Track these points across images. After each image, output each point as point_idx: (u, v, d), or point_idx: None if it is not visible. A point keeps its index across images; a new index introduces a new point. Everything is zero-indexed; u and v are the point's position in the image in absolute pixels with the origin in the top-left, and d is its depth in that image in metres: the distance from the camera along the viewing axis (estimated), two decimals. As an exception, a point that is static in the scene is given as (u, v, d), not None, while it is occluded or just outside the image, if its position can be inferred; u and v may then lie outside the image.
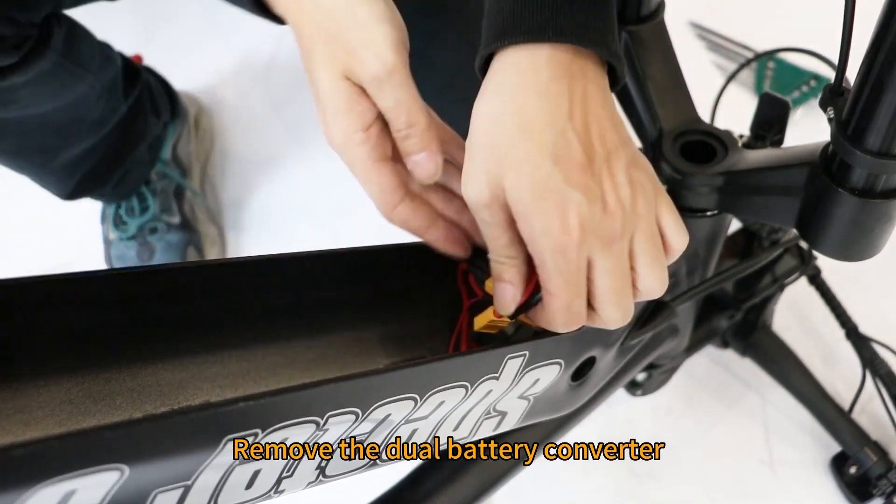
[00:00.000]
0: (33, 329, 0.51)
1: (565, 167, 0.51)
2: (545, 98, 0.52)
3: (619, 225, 0.52)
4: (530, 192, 0.51)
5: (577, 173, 0.51)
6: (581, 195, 0.51)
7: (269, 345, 0.60)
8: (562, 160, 0.51)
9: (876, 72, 0.57)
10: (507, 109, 0.52)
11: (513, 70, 0.53)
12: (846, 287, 1.16)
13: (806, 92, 1.52)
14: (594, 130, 0.53)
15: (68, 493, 0.40)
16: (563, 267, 0.52)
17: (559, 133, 0.51)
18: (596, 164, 0.52)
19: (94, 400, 0.52)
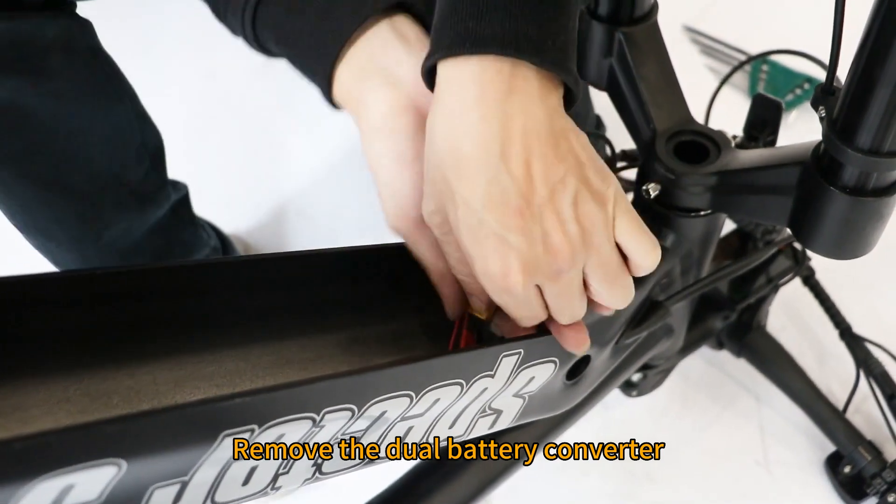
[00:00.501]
0: (31, 327, 0.51)
1: (499, 212, 0.50)
2: (476, 137, 0.50)
3: (566, 261, 0.52)
4: (468, 235, 0.52)
5: (513, 217, 0.50)
6: (519, 238, 0.50)
7: (266, 344, 0.60)
8: (495, 206, 0.50)
9: (866, 71, 0.58)
10: (445, 138, 0.51)
11: (447, 90, 0.51)
12: (840, 287, 1.16)
13: (799, 94, 1.52)
14: (536, 168, 0.50)
15: (67, 488, 0.41)
16: (510, 300, 0.54)
17: (492, 178, 0.50)
18: (535, 205, 0.50)
19: (92, 398, 0.52)
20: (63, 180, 0.89)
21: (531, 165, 0.50)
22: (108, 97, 0.89)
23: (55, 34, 0.79)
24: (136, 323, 0.55)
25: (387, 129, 0.57)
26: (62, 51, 0.81)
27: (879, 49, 0.56)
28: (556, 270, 0.52)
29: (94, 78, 0.86)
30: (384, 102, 0.57)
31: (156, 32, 1.63)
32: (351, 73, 0.58)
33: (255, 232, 1.41)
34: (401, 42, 0.58)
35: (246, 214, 1.43)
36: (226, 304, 0.59)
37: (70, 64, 0.82)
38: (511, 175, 0.50)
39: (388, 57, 0.57)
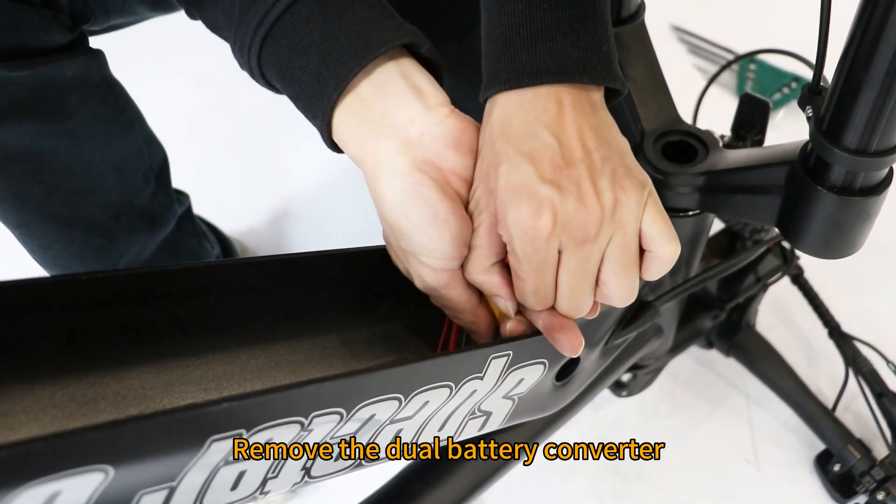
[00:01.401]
0: (17, 332, 0.51)
1: (539, 166, 0.53)
2: (529, 112, 0.54)
3: (595, 224, 0.53)
4: (506, 187, 0.53)
5: (552, 172, 0.53)
6: (554, 191, 0.52)
7: (255, 347, 0.60)
8: (535, 159, 0.53)
9: (852, 71, 0.58)
10: (493, 124, 0.56)
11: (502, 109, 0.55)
12: (828, 286, 1.17)
13: (787, 94, 1.53)
14: (577, 137, 0.54)
15: (53, 495, 0.40)
16: (532, 255, 0.54)
17: (536, 137, 0.53)
18: (576, 167, 0.53)
19: (79, 404, 0.52)
20: (82, 216, 0.90)
21: (573, 135, 0.54)
22: (120, 127, 0.89)
23: (73, 73, 0.79)
24: (124, 327, 0.55)
25: (413, 192, 0.56)
26: (79, 88, 0.81)
27: (865, 49, 0.56)
28: (583, 232, 0.53)
29: (108, 110, 0.87)
30: (403, 164, 0.56)
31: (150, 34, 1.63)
32: (357, 121, 0.57)
33: (252, 234, 1.40)
34: (415, 97, 0.57)
35: (243, 216, 1.42)
36: (214, 307, 0.59)
37: (87, 101, 0.83)
38: (555, 136, 0.53)
39: (403, 113, 0.56)
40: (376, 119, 0.56)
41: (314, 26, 0.56)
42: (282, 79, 0.58)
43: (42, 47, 0.75)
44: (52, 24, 0.75)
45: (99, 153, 0.87)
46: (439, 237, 0.56)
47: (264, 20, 0.57)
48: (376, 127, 0.56)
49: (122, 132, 0.90)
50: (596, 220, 0.53)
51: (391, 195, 0.56)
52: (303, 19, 0.56)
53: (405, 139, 0.56)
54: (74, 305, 0.53)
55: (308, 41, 0.56)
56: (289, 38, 0.57)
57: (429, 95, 0.57)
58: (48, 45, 0.76)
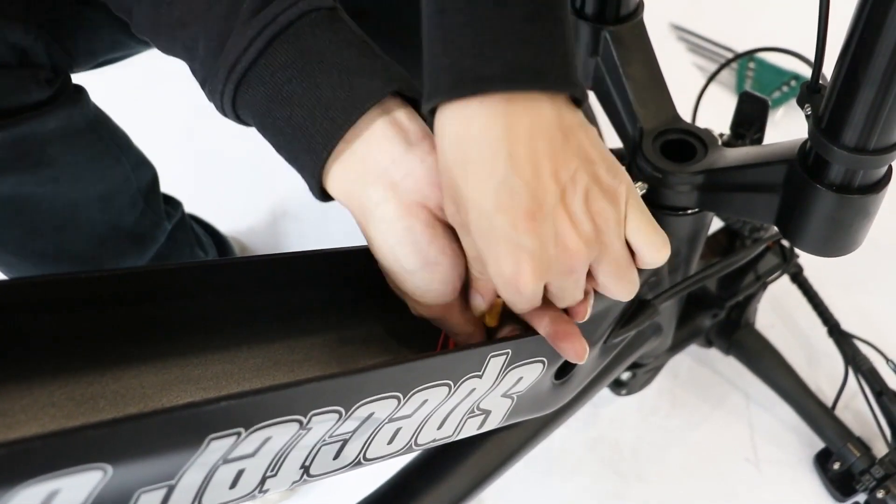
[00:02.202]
0: (16, 332, 0.51)
1: (510, 216, 0.50)
2: (482, 147, 0.49)
3: (578, 258, 0.52)
4: (480, 238, 0.52)
5: (524, 220, 0.50)
6: (531, 240, 0.50)
7: (253, 346, 0.60)
8: (506, 209, 0.49)
9: (851, 69, 0.58)
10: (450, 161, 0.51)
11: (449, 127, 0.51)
12: (828, 284, 1.17)
13: (786, 92, 1.53)
14: (545, 167, 0.50)
15: (52, 493, 0.40)
16: (518, 298, 0.53)
17: (501, 182, 0.49)
18: (548, 206, 0.50)
19: (77, 403, 0.52)
20: (66, 249, 0.87)
21: (540, 165, 0.50)
22: (104, 164, 0.86)
23: (54, 125, 0.76)
24: (122, 326, 0.55)
25: (402, 238, 0.55)
26: (61, 138, 0.78)
27: (864, 47, 0.56)
28: (569, 269, 0.53)
29: (91, 151, 0.84)
30: (391, 210, 0.54)
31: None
32: (346, 175, 0.55)
33: (251, 233, 1.40)
34: (397, 135, 0.55)
35: (242, 215, 1.42)
36: (213, 306, 0.59)
37: (69, 147, 0.80)
38: (520, 177, 0.49)
39: (385, 154, 0.54)
40: (360, 163, 0.54)
41: (293, 73, 0.53)
42: (261, 126, 0.56)
43: (20, 106, 0.72)
44: (30, 84, 0.72)
45: (83, 191, 0.85)
46: (430, 279, 0.56)
47: (236, 67, 0.54)
48: (361, 172, 0.54)
49: (107, 168, 0.87)
50: (579, 255, 0.52)
51: (382, 241, 0.55)
52: (279, 66, 0.53)
53: (391, 182, 0.54)
54: (73, 305, 0.53)
55: (288, 90, 0.54)
56: (266, 86, 0.54)
57: (410, 131, 0.55)
58: (26, 103, 0.73)
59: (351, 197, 0.55)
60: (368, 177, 0.54)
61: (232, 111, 0.56)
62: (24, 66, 0.71)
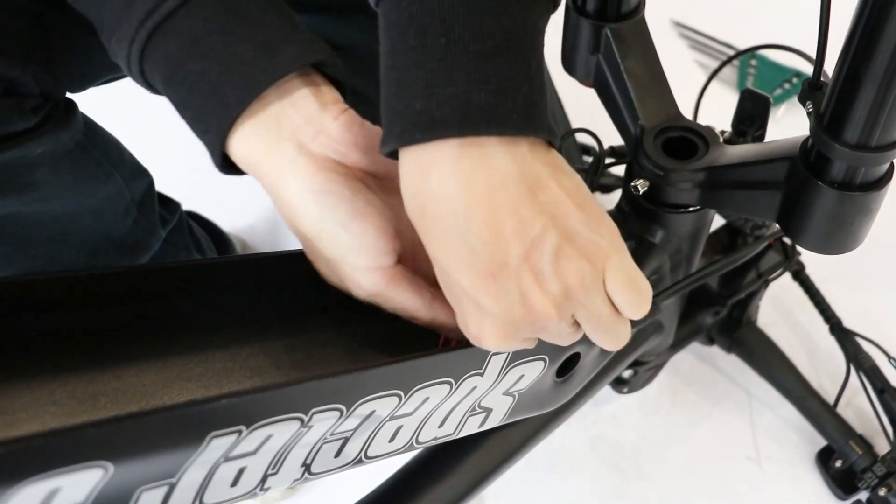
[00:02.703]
0: (16, 330, 0.51)
1: (470, 275, 0.48)
2: (439, 204, 0.47)
3: (547, 317, 0.50)
4: (448, 291, 0.51)
5: (484, 281, 0.48)
6: (492, 302, 0.48)
7: (255, 344, 0.60)
8: (465, 269, 0.48)
9: (852, 66, 0.58)
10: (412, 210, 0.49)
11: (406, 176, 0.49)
12: (830, 282, 1.17)
13: (788, 89, 1.52)
14: (506, 226, 0.47)
15: (52, 491, 0.40)
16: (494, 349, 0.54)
17: (459, 241, 0.47)
18: (510, 266, 0.47)
19: (79, 401, 0.52)
20: (56, 262, 0.84)
21: (501, 224, 0.47)
22: (95, 181, 0.83)
23: (42, 150, 0.73)
24: (124, 324, 0.55)
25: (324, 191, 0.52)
26: (49, 161, 0.75)
27: (866, 44, 0.56)
28: (540, 328, 0.51)
29: (81, 171, 0.81)
30: (306, 165, 0.52)
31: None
32: (255, 136, 0.52)
33: (252, 231, 1.40)
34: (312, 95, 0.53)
35: (242, 213, 1.42)
36: (214, 304, 0.59)
37: (57, 169, 0.77)
38: (479, 237, 0.47)
39: (298, 112, 0.52)
40: (273, 122, 0.52)
41: (214, 27, 0.51)
42: (169, 82, 0.52)
43: (4, 135, 0.69)
44: (13, 114, 0.69)
45: (73, 207, 0.82)
46: (363, 230, 0.52)
47: (154, 13, 0.50)
48: (273, 131, 0.52)
49: (98, 184, 0.84)
50: (546, 315, 0.49)
51: (301, 200, 0.52)
52: (201, 18, 0.50)
53: (302, 140, 0.52)
54: (74, 303, 0.53)
55: (206, 45, 0.51)
56: (182, 37, 0.51)
57: (324, 93, 0.53)
58: (10, 132, 0.70)
59: (259, 161, 0.52)
60: (280, 136, 0.52)
61: (138, 64, 0.52)
62: (10, 95, 0.69)
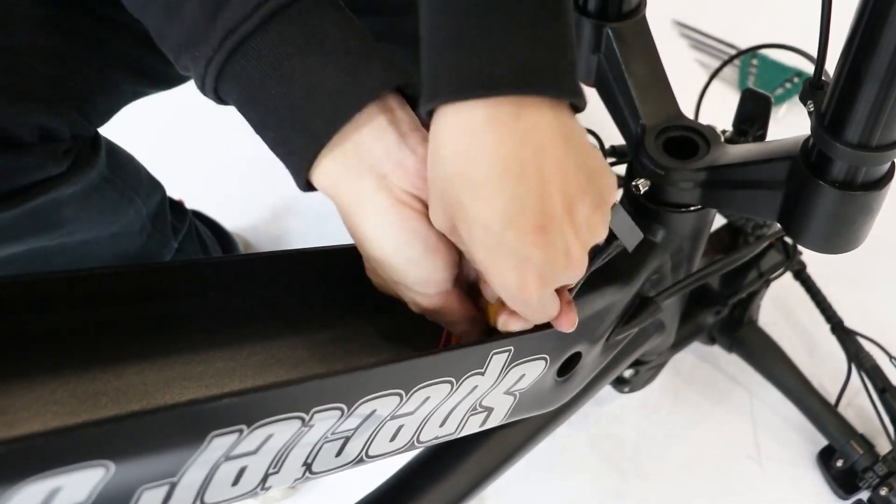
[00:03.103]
0: (18, 329, 0.51)
1: (520, 230, 0.48)
2: (492, 162, 0.47)
3: (581, 270, 0.53)
4: (484, 252, 0.50)
5: (534, 234, 0.49)
6: (540, 254, 0.49)
7: (256, 343, 0.60)
8: (515, 224, 0.48)
9: (853, 65, 0.58)
10: (456, 162, 0.49)
11: (451, 134, 0.48)
12: (831, 281, 1.17)
13: (789, 88, 1.52)
14: (553, 183, 0.48)
15: (54, 490, 0.40)
16: (524, 308, 0.54)
17: (511, 196, 0.48)
18: (556, 221, 0.49)
19: (80, 400, 0.52)
20: None
21: (550, 178, 0.48)
22: (119, 208, 0.84)
23: (71, 191, 0.74)
24: (125, 324, 0.55)
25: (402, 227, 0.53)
26: (77, 200, 0.76)
27: (867, 43, 0.56)
28: (571, 278, 0.53)
29: (106, 201, 0.81)
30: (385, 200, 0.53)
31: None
32: (337, 164, 0.53)
33: (254, 230, 1.40)
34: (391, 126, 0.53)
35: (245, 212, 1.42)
36: (215, 303, 0.59)
37: (84, 205, 0.78)
38: (530, 192, 0.48)
39: (377, 143, 0.53)
40: (353, 152, 0.53)
41: (294, 50, 0.51)
42: (248, 102, 0.53)
43: (36, 182, 0.70)
44: (48, 161, 0.70)
45: (95, 234, 0.83)
46: (434, 267, 0.55)
47: (234, 32, 0.51)
48: (354, 161, 0.53)
49: (120, 211, 0.84)
50: (582, 266, 0.52)
51: (379, 233, 0.54)
52: (281, 39, 0.51)
53: (381, 174, 0.53)
54: (75, 302, 0.53)
55: (288, 67, 0.51)
56: (263, 59, 0.51)
57: (403, 122, 0.54)
58: (44, 178, 0.70)
59: (339, 188, 0.54)
60: (361, 167, 0.53)
61: (213, 82, 0.53)
62: (45, 142, 0.69)
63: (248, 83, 0.52)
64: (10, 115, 0.66)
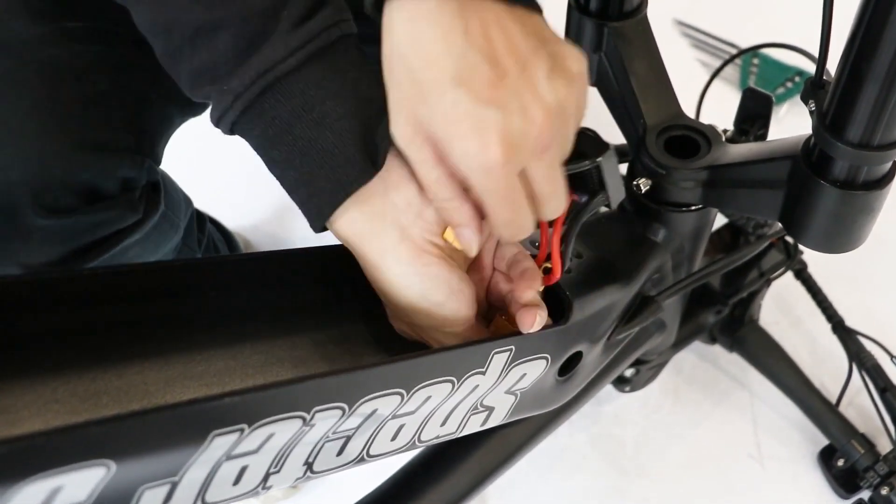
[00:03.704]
0: (19, 329, 0.51)
1: (473, 87, 0.47)
2: (437, 26, 0.47)
3: (548, 131, 0.49)
4: (442, 120, 0.48)
5: (488, 90, 0.47)
6: (496, 111, 0.47)
7: (256, 343, 0.60)
8: (467, 81, 0.47)
9: (855, 65, 0.58)
10: (403, 45, 0.49)
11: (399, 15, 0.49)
12: (832, 281, 1.17)
13: (790, 88, 1.52)
14: (500, 43, 0.48)
15: (55, 490, 0.40)
16: (493, 186, 0.50)
17: (458, 55, 0.47)
18: (510, 78, 0.48)
19: (81, 399, 0.52)
20: None
21: (496, 40, 0.48)
22: (168, 236, 0.84)
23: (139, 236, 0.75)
24: (126, 323, 0.55)
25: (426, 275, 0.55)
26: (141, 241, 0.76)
27: (868, 43, 0.56)
28: (540, 145, 0.49)
29: (161, 234, 0.82)
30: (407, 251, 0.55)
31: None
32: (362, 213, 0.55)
33: (256, 229, 1.40)
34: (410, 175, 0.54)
35: (246, 212, 1.42)
36: (216, 303, 0.59)
37: (145, 243, 0.78)
38: (478, 49, 0.47)
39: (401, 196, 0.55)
40: (378, 205, 0.54)
41: (327, 94, 0.52)
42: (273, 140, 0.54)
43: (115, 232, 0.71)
44: (127, 211, 0.71)
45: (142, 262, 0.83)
46: (459, 307, 0.57)
47: (269, 72, 0.51)
48: (377, 214, 0.55)
49: (168, 239, 0.85)
50: (548, 127, 0.49)
51: (403, 282, 0.56)
52: (314, 83, 0.52)
53: (404, 225, 0.55)
54: (77, 301, 0.53)
55: (321, 111, 0.52)
56: (295, 100, 0.52)
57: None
58: (121, 228, 0.72)
59: (362, 242, 0.55)
60: (385, 218, 0.55)
61: (234, 117, 0.54)
62: (124, 192, 0.70)
63: (276, 123, 0.53)
64: (101, 170, 0.67)
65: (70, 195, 0.66)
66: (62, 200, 0.65)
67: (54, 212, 0.65)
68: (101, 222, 0.69)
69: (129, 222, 0.72)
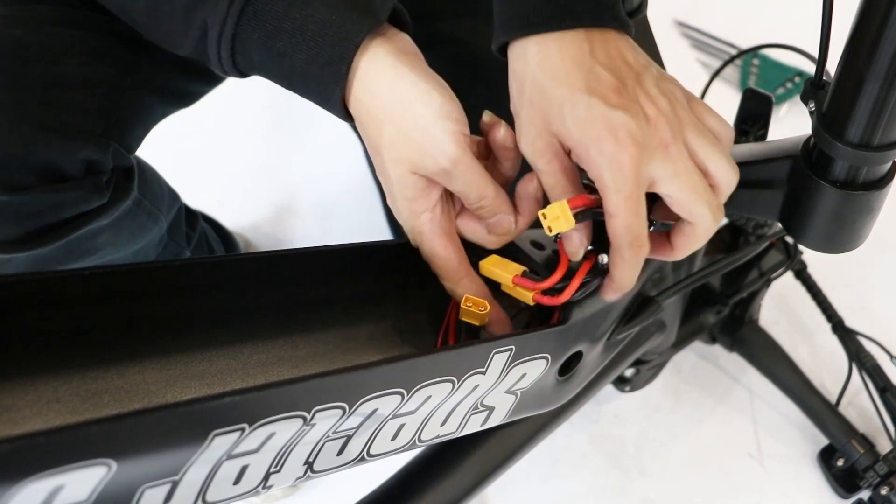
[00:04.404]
0: (20, 328, 0.51)
1: (601, 95, 0.56)
2: (565, 51, 0.57)
3: (666, 127, 0.56)
4: (577, 127, 0.56)
5: (614, 97, 0.56)
6: (623, 113, 0.55)
7: (258, 342, 0.60)
8: (596, 91, 0.56)
9: (854, 65, 0.58)
10: (535, 69, 0.58)
11: (533, 54, 0.58)
12: (832, 281, 1.17)
13: (790, 88, 1.52)
14: (618, 59, 0.58)
15: (56, 489, 0.40)
16: (621, 183, 0.55)
17: (587, 70, 0.57)
18: (629, 86, 0.57)
19: (82, 398, 0.52)
20: None
21: (616, 58, 0.58)
22: (146, 228, 0.86)
23: (108, 221, 0.76)
24: (127, 322, 0.55)
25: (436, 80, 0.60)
26: (112, 227, 0.78)
27: (868, 43, 0.56)
28: (662, 141, 0.56)
29: (137, 224, 0.83)
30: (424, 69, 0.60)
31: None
32: (378, 48, 0.59)
33: (255, 229, 1.41)
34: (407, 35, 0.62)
35: (246, 211, 1.42)
36: (217, 302, 0.59)
37: (118, 231, 0.79)
38: (603, 66, 0.57)
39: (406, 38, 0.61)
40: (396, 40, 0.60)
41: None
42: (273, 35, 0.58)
43: (79, 215, 0.72)
44: (93, 194, 0.71)
45: (120, 254, 0.84)
46: (452, 96, 0.60)
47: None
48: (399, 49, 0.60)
49: (146, 231, 0.86)
50: (665, 123, 0.56)
51: (423, 86, 0.59)
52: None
53: (415, 52, 0.62)
54: (77, 301, 0.53)
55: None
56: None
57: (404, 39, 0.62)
58: (86, 211, 0.72)
59: (381, 71, 0.59)
60: (398, 50, 0.60)
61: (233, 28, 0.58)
62: (90, 175, 0.71)
63: (273, 15, 0.58)
64: (63, 151, 0.68)
65: (28, 173, 0.66)
66: (19, 178, 0.66)
67: (11, 189, 0.66)
68: (61, 203, 0.69)
69: (93, 205, 0.72)
